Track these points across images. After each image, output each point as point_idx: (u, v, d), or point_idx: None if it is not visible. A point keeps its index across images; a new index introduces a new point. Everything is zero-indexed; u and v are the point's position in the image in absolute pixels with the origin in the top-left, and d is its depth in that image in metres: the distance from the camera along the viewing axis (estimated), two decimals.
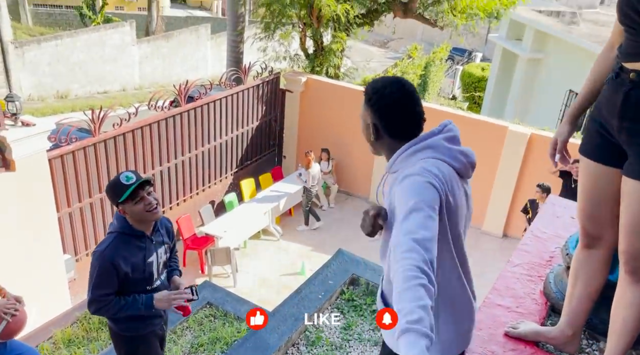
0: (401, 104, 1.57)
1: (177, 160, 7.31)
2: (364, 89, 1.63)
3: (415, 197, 1.39)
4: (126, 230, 2.49)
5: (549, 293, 1.85)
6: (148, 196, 2.41)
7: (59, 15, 24.27)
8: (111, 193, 2.43)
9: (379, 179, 7.23)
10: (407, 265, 1.26)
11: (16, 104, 5.07)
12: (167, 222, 2.77)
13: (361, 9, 9.29)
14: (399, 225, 1.37)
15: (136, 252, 2.50)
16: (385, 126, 1.58)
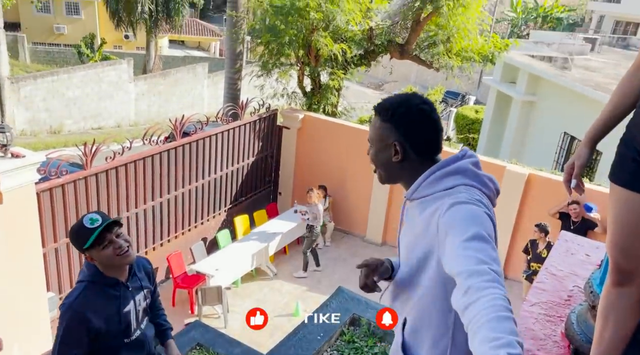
0: (431, 118, 1.43)
1: (170, 196, 7.15)
2: (377, 106, 1.49)
3: (477, 227, 1.24)
4: (97, 279, 2.21)
5: (572, 335, 1.70)
6: (117, 238, 2.14)
7: (57, 53, 24.58)
8: (75, 239, 2.15)
9: (376, 217, 7.13)
10: (498, 294, 1.08)
11: (7, 135, 4.95)
12: (147, 264, 2.51)
13: (358, 50, 9.42)
14: (459, 251, 1.20)
15: (110, 303, 2.22)
16: (413, 144, 1.42)
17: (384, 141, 1.45)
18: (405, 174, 1.47)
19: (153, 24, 22.28)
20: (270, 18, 8.02)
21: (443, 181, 1.39)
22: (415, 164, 1.44)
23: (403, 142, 1.42)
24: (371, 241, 8.69)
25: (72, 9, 27.04)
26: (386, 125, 1.44)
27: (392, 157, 1.44)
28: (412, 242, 1.43)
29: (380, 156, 1.48)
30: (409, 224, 1.48)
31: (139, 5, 21.09)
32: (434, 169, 1.41)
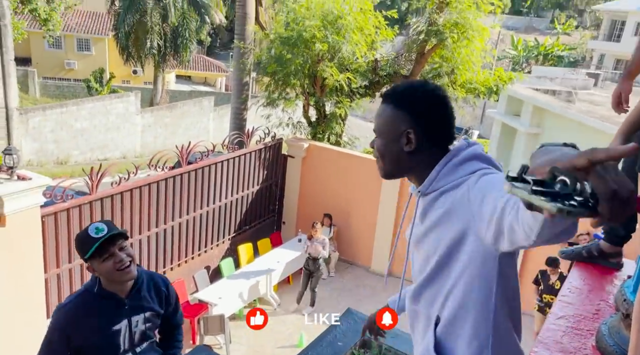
0: (447, 105, 1.35)
1: (174, 222, 7.08)
2: (388, 92, 1.40)
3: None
4: (94, 289, 2.13)
5: (604, 347, 1.60)
6: (120, 252, 2.04)
7: (67, 88, 24.99)
8: (78, 246, 2.09)
9: (381, 248, 6.96)
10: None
11: (13, 157, 4.95)
12: (162, 285, 2.30)
13: (363, 81, 9.52)
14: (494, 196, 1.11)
15: (99, 317, 2.11)
16: (428, 132, 1.33)
17: (396, 130, 1.34)
18: (417, 165, 1.36)
19: (161, 59, 22.74)
20: (277, 48, 8.15)
21: (462, 168, 1.30)
22: (428, 154, 1.35)
23: (417, 129, 1.33)
24: (376, 272, 8.54)
25: (83, 45, 27.66)
26: (399, 112, 1.34)
27: (404, 147, 1.34)
28: (434, 236, 1.33)
29: (390, 147, 1.36)
30: (426, 219, 1.37)
31: (148, 41, 21.58)
32: (449, 156, 1.32)
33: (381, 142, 1.38)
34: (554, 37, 37.23)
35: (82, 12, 26.72)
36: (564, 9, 49.88)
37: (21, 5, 17.89)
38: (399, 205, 8.13)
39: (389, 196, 8.13)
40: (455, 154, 1.33)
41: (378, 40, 8.75)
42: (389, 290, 8.50)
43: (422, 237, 1.41)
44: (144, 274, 2.25)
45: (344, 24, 7.93)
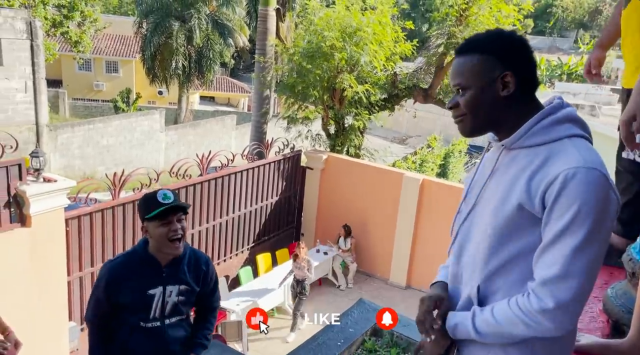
0: (530, 48, 1.31)
1: (194, 231, 7.18)
2: (469, 43, 1.34)
3: (594, 216, 1.11)
4: (141, 252, 2.28)
5: (610, 309, 1.58)
6: (177, 223, 2.18)
7: (95, 108, 25.76)
8: (142, 206, 2.24)
9: (400, 260, 6.91)
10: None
11: (40, 159, 5.13)
12: (203, 264, 2.37)
13: (382, 94, 9.59)
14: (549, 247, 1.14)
15: (139, 279, 2.24)
16: (521, 75, 1.26)
17: (490, 75, 1.27)
18: (511, 114, 1.29)
19: (185, 80, 23.31)
20: (297, 60, 8.31)
21: (555, 129, 1.24)
22: (521, 102, 1.29)
23: (512, 74, 1.26)
24: (395, 284, 8.45)
25: (112, 67, 28.59)
26: (488, 57, 1.28)
27: (500, 93, 1.27)
28: (505, 190, 1.26)
29: (482, 96, 1.29)
30: (504, 171, 1.30)
31: (173, 62, 22.18)
32: (545, 112, 1.26)
33: (472, 94, 1.30)
34: (577, 56, 36.92)
35: (111, 35, 27.69)
36: (587, 29, 49.58)
37: (53, 29, 18.69)
38: (418, 217, 8.09)
39: (408, 208, 8.10)
40: (551, 111, 1.27)
41: (397, 53, 8.83)
42: (408, 303, 8.39)
43: (494, 184, 1.33)
44: (187, 248, 2.35)
45: (362, 36, 8.06)
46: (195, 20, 22.03)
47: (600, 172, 1.14)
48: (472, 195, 1.39)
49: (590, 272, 1.13)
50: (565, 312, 1.14)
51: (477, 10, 8.73)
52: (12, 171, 4.85)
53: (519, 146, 1.28)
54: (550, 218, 1.16)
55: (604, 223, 1.13)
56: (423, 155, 14.20)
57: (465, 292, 1.36)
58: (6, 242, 4.86)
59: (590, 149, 1.22)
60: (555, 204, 1.15)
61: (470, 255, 1.35)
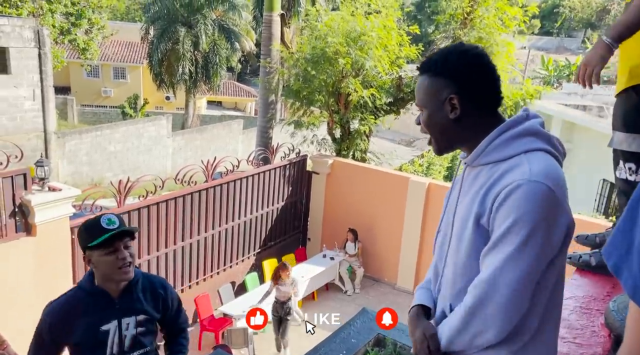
0: (488, 66, 1.27)
1: (200, 237, 7.18)
2: (425, 62, 1.33)
3: (533, 223, 1.11)
4: (86, 286, 2.03)
5: (612, 323, 1.54)
6: (125, 250, 1.96)
7: (103, 114, 25.94)
8: (83, 234, 1.97)
9: (407, 264, 6.88)
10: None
11: (45, 169, 5.17)
12: (159, 288, 2.18)
13: (388, 98, 9.55)
14: (491, 248, 1.16)
15: (89, 314, 1.99)
16: (471, 96, 1.25)
17: (438, 98, 1.28)
18: (466, 133, 1.29)
19: (192, 85, 23.42)
20: (301, 66, 8.30)
21: (513, 144, 1.21)
22: (475, 121, 1.27)
23: (460, 94, 1.25)
24: (402, 289, 8.39)
25: (119, 73, 28.79)
26: (438, 79, 1.28)
27: (448, 115, 1.27)
28: (466, 209, 1.27)
29: (434, 117, 1.30)
30: (467, 190, 1.30)
31: (180, 68, 22.29)
32: (502, 129, 1.24)
33: (426, 115, 1.32)
34: None
35: (118, 42, 27.88)
36: (595, 28, 49.15)
37: (61, 36, 18.85)
38: (424, 221, 8.04)
39: (415, 212, 8.05)
40: (509, 126, 1.24)
41: (402, 56, 8.79)
42: None
43: (460, 206, 1.33)
44: (140, 275, 2.14)
45: (367, 40, 8.03)
46: (202, 25, 22.13)
47: (545, 185, 1.13)
48: (449, 214, 1.41)
49: (520, 283, 1.13)
50: (487, 315, 1.16)
51: (482, 12, 8.68)
52: (17, 181, 4.88)
53: (478, 164, 1.28)
54: (492, 228, 1.18)
55: (543, 236, 1.12)
56: (430, 158, 14.13)
57: (440, 307, 1.39)
58: (12, 252, 4.89)
59: (546, 162, 1.19)
60: (497, 214, 1.16)
61: (446, 273, 1.37)
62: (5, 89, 12.59)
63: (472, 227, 1.22)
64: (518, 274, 1.13)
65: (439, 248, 1.43)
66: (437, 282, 1.42)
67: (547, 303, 1.22)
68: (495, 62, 5.48)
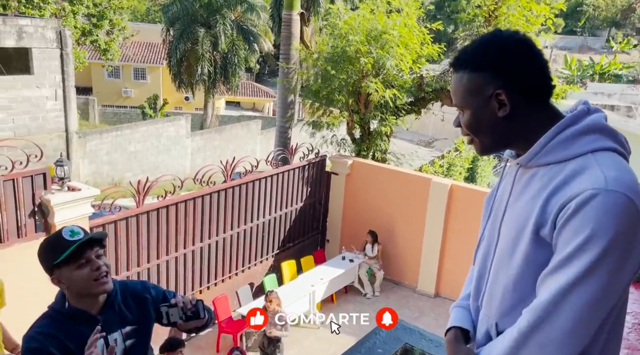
0: (533, 51, 1.12)
1: (219, 238, 7.12)
2: (459, 58, 1.19)
3: (607, 247, 0.95)
4: (62, 310, 1.82)
5: None
6: (97, 259, 1.76)
7: (123, 114, 26.24)
8: (46, 252, 1.76)
9: (428, 267, 6.67)
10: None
11: (65, 168, 5.14)
12: (138, 288, 2.00)
13: (409, 97, 9.39)
14: (551, 269, 1.02)
15: (71, 339, 1.79)
16: (521, 88, 1.10)
17: (482, 96, 1.13)
18: (519, 131, 1.14)
19: (211, 85, 23.52)
20: (321, 65, 8.19)
21: (577, 142, 1.07)
22: (528, 116, 1.13)
23: (507, 88, 1.11)
24: (423, 293, 8.22)
25: (140, 74, 29.11)
26: (479, 74, 1.13)
27: (496, 113, 1.12)
28: (521, 217, 1.13)
29: (480, 118, 1.15)
30: (521, 194, 1.15)
31: (199, 68, 22.40)
32: (563, 124, 1.09)
33: (468, 116, 1.17)
34: (610, 56, 35.84)
35: (139, 43, 28.17)
36: (620, 27, 48.13)
37: (83, 37, 19.09)
38: (446, 223, 7.85)
39: (436, 214, 7.87)
40: (571, 121, 1.09)
41: (424, 55, 8.62)
42: (437, 312, 8.12)
43: (513, 216, 1.18)
44: (117, 284, 1.95)
45: (388, 39, 7.88)
46: (221, 26, 22.20)
47: (625, 196, 0.97)
48: (494, 221, 1.25)
49: (589, 308, 0.98)
50: (545, 342, 1.01)
51: (507, 10, 8.46)
52: (37, 180, 4.86)
53: (535, 164, 1.13)
54: (558, 243, 1.03)
55: (622, 257, 0.96)
56: (450, 158, 13.90)
57: (483, 327, 1.24)
58: (31, 252, 4.85)
59: (620, 165, 1.04)
60: (564, 229, 1.01)
61: (490, 287, 1.23)
62: (28, 89, 12.74)
63: (530, 237, 1.07)
64: (587, 298, 0.97)
65: (482, 260, 1.28)
66: (479, 298, 1.28)
67: (613, 322, 1.08)
68: None
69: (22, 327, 2.94)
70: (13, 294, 4.21)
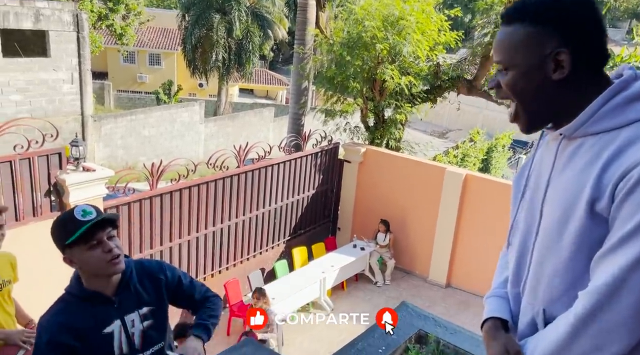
0: (598, 13, 1.02)
1: (231, 222, 7.13)
2: (516, 7, 1.07)
3: None
4: (77, 292, 1.81)
5: None
6: (109, 241, 1.74)
7: (138, 99, 26.38)
8: (58, 231, 1.74)
9: (440, 257, 6.62)
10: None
11: (80, 149, 5.16)
12: (156, 269, 1.98)
13: (424, 85, 9.28)
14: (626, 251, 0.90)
15: (88, 321, 1.79)
16: (583, 50, 1.01)
17: (538, 52, 1.02)
18: (570, 98, 1.04)
19: (225, 72, 23.50)
20: (337, 51, 8.10)
21: (629, 109, 0.98)
22: (583, 82, 1.02)
23: (570, 48, 1.01)
24: (434, 282, 8.18)
25: (155, 59, 29.19)
26: (539, 28, 1.02)
27: (550, 75, 1.02)
28: (571, 192, 1.03)
29: (529, 78, 1.04)
30: (567, 168, 1.06)
31: (213, 54, 22.38)
32: (612, 91, 1.00)
33: (515, 75, 1.05)
34: (631, 48, 35.07)
35: (154, 28, 28.21)
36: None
37: (99, 21, 19.16)
38: (459, 213, 7.78)
39: (450, 204, 7.80)
40: (622, 87, 1.01)
41: (441, 42, 8.49)
42: (447, 302, 8.09)
43: (559, 191, 1.08)
44: (132, 264, 1.94)
45: (405, 25, 7.77)
46: (236, 12, 22.12)
47: None
48: (533, 200, 1.15)
49: None
50: (608, 326, 0.92)
51: None
52: (52, 160, 4.89)
53: (582, 134, 1.03)
54: (617, 218, 0.94)
55: None
56: (465, 149, 13.77)
57: (527, 315, 1.15)
58: (47, 230, 4.91)
59: None
60: (626, 202, 0.92)
61: (535, 272, 1.13)
62: (44, 71, 12.84)
63: (584, 214, 0.98)
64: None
65: (521, 243, 1.18)
66: (521, 284, 1.19)
67: None
68: None
69: (36, 303, 2.98)
70: (28, 271, 4.27)
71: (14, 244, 3.44)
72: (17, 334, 2.67)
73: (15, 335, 2.65)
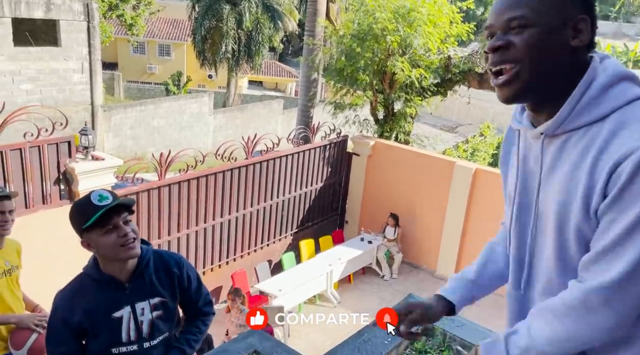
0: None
1: (238, 214, 7.14)
2: None
3: None
4: (93, 274, 1.87)
5: None
6: (125, 226, 1.77)
7: (147, 90, 26.44)
8: (75, 215, 1.79)
9: (448, 252, 6.56)
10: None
11: (89, 137, 5.18)
12: (173, 264, 2.00)
13: (435, 78, 9.20)
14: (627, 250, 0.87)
15: (100, 302, 1.85)
16: (593, 23, 0.98)
17: (562, 15, 0.96)
18: (567, 75, 0.99)
19: (235, 63, 23.46)
20: (346, 43, 8.04)
21: (608, 96, 0.95)
22: (582, 58, 0.99)
23: (591, 17, 0.97)
24: (442, 277, 8.14)
25: (164, 50, 29.21)
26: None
27: (569, 41, 0.97)
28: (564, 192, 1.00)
29: (553, 39, 0.96)
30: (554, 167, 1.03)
31: (223, 45, 22.34)
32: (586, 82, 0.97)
33: (533, 34, 0.97)
34: None
35: (164, 19, 28.21)
36: None
37: (110, 11, 19.17)
38: (468, 208, 7.73)
39: (459, 198, 7.75)
40: (592, 77, 0.97)
41: (453, 35, 8.40)
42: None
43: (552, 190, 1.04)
44: (151, 253, 1.97)
45: (416, 16, 7.69)
46: (246, 3, 22.04)
47: None
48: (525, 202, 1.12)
49: None
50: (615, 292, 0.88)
51: None
52: (62, 148, 4.90)
53: (564, 131, 0.99)
54: (610, 212, 0.89)
55: None
56: (475, 143, 13.67)
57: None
58: (55, 219, 4.93)
59: None
60: (624, 194, 0.86)
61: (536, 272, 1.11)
62: (55, 61, 12.88)
63: (580, 212, 0.96)
64: None
65: (517, 244, 1.16)
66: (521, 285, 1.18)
67: None
68: None
69: (44, 289, 2.99)
70: (36, 258, 4.30)
71: (23, 231, 3.45)
72: (29, 318, 2.71)
73: (28, 320, 2.69)
